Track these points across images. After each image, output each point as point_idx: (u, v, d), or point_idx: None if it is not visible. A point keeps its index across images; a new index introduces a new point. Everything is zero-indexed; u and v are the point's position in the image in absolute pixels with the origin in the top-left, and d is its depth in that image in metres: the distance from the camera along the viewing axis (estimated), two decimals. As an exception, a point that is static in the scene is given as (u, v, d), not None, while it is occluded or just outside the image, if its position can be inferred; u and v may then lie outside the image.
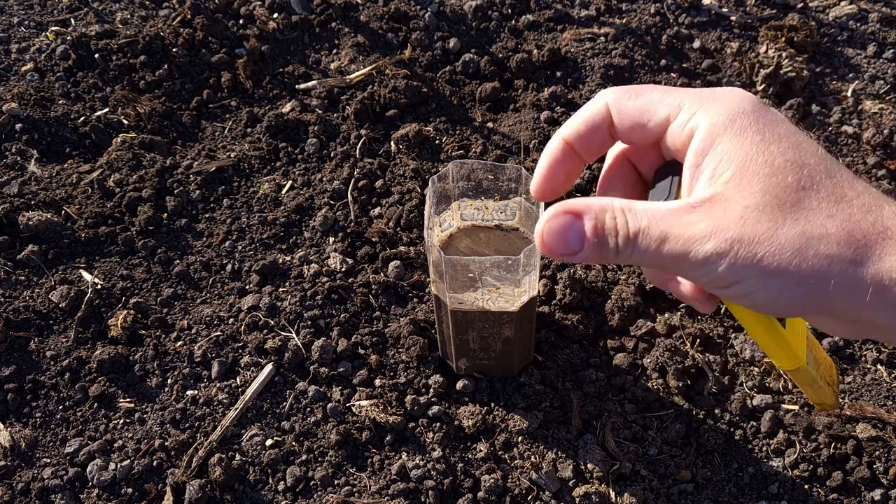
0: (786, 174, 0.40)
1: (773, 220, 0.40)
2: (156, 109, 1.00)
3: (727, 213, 0.40)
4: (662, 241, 0.41)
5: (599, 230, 0.43)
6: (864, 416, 0.71)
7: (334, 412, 0.72)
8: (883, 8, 1.17)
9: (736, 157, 0.41)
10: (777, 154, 0.41)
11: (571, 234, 0.43)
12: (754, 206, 0.40)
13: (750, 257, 0.39)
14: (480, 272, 0.61)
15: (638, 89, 0.46)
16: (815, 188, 0.40)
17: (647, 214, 0.42)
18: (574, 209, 0.44)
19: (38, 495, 0.68)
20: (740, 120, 0.42)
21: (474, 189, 0.67)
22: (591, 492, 0.66)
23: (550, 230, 0.44)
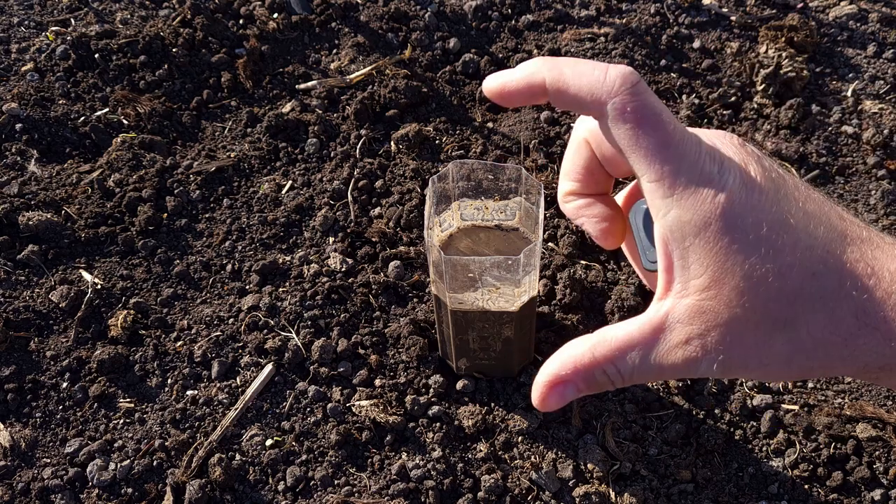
0: (765, 287, 0.38)
1: (756, 336, 0.39)
2: (156, 109, 1.00)
3: (711, 330, 0.39)
4: (659, 370, 0.42)
5: (594, 387, 0.45)
6: (864, 416, 0.71)
7: (334, 412, 0.72)
8: (883, 8, 1.17)
9: (710, 264, 0.39)
10: (755, 264, 0.38)
11: (567, 395, 0.46)
12: (736, 319, 0.39)
13: (741, 369, 0.41)
14: (480, 272, 0.61)
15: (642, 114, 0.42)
16: (797, 296, 0.39)
17: (637, 350, 0.42)
18: (560, 378, 0.45)
19: (38, 495, 0.68)
20: (715, 224, 0.39)
21: (474, 189, 0.67)
22: (591, 492, 0.66)
23: (546, 401, 0.46)
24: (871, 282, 0.39)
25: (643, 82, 0.42)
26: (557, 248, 0.86)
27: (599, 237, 0.51)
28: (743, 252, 0.38)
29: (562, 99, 0.44)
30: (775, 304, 0.38)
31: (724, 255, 0.38)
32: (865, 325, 0.39)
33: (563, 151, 0.94)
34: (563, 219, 0.88)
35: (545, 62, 0.45)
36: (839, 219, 0.42)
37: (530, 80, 0.44)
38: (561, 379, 0.45)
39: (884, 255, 0.40)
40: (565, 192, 0.52)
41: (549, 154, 0.95)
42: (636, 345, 0.42)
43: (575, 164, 0.49)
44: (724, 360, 0.40)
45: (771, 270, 0.38)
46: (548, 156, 0.94)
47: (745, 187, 0.39)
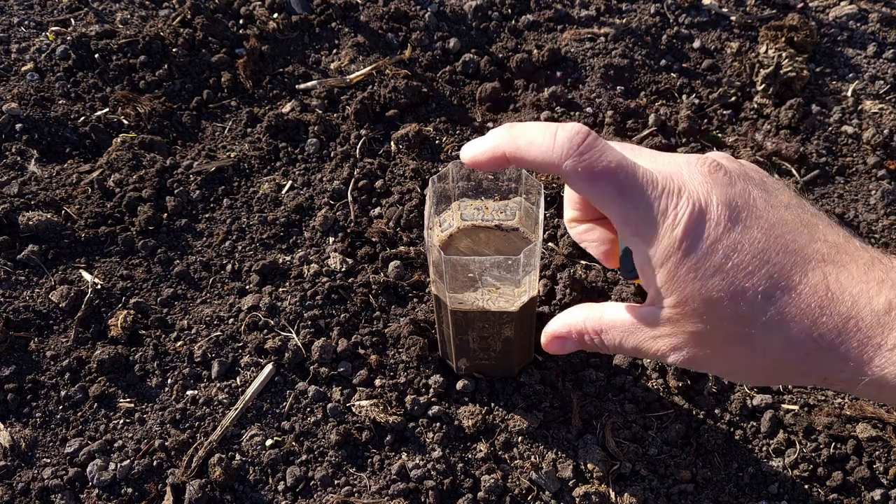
0: (723, 308, 0.42)
1: (719, 348, 0.44)
2: (156, 109, 1.00)
3: (681, 333, 0.45)
4: (635, 351, 0.49)
5: (584, 345, 0.54)
6: (864, 416, 0.71)
7: (334, 412, 0.72)
8: (883, 8, 1.17)
9: (673, 291, 0.44)
10: (713, 289, 0.42)
11: (568, 345, 0.55)
12: (701, 331, 0.44)
13: (707, 369, 0.47)
14: (480, 272, 0.61)
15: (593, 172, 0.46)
16: (751, 318, 0.42)
17: (618, 331, 0.50)
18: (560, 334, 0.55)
19: (38, 495, 0.68)
20: (674, 256, 0.43)
21: (474, 189, 0.67)
22: (591, 492, 0.66)
23: (549, 349, 0.57)
24: (830, 306, 0.41)
25: (592, 136, 0.45)
26: (557, 248, 0.86)
27: (601, 259, 0.58)
28: (699, 280, 0.43)
29: (523, 167, 0.50)
30: (731, 324, 0.43)
31: (683, 283, 0.43)
32: (821, 347, 0.41)
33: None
34: (562, 219, 0.88)
35: (505, 134, 0.49)
36: (810, 239, 0.44)
37: (493, 153, 0.49)
38: (560, 335, 0.55)
39: (849, 277, 0.42)
40: (569, 219, 0.58)
41: (549, 154, 0.94)
42: (620, 328, 0.49)
43: (572, 195, 0.56)
44: (689, 359, 0.46)
45: (726, 295, 0.42)
46: (548, 156, 0.94)
47: (701, 219, 0.43)
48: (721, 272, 0.42)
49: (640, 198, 0.43)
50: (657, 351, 0.47)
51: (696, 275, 0.42)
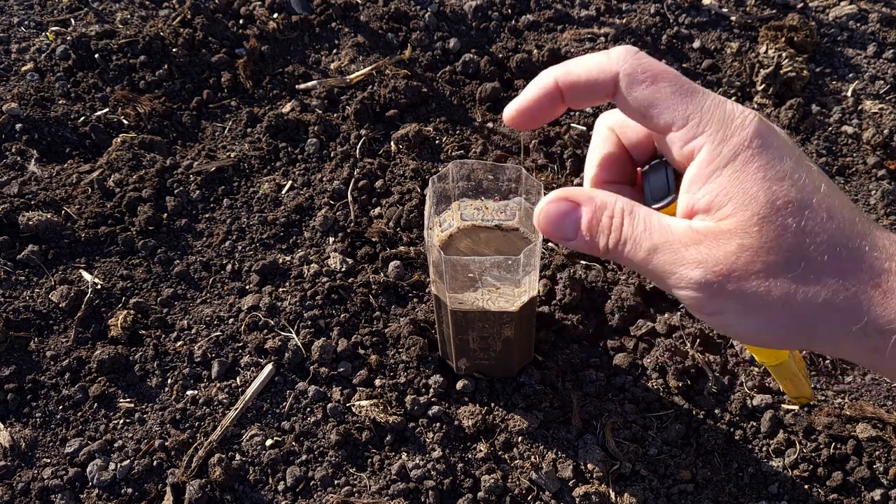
0: (785, 216, 0.39)
1: (766, 263, 0.39)
2: (156, 109, 1.00)
3: (721, 246, 0.40)
4: (651, 253, 0.41)
5: (593, 225, 0.43)
6: (864, 416, 0.71)
7: (334, 412, 0.72)
8: (883, 8, 1.17)
9: (736, 193, 0.40)
10: (779, 194, 0.39)
11: (567, 222, 0.44)
12: (749, 245, 0.39)
13: (735, 293, 0.39)
14: (480, 272, 0.61)
15: (654, 73, 0.42)
16: (814, 233, 0.39)
17: (643, 222, 0.42)
18: (575, 198, 0.44)
19: (38, 495, 0.68)
20: (743, 154, 0.40)
21: (474, 189, 0.67)
22: (591, 492, 0.66)
23: (548, 214, 0.45)
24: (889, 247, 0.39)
25: (644, 52, 0.43)
26: (557, 248, 0.86)
27: None
28: (768, 181, 0.39)
29: (576, 91, 0.44)
30: (791, 236, 0.39)
31: (751, 182, 0.39)
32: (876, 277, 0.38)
33: (563, 151, 0.94)
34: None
35: (549, 69, 0.45)
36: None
37: (543, 89, 0.45)
38: (573, 196, 0.45)
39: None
40: (591, 178, 0.50)
41: (549, 154, 0.95)
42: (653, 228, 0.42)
43: (600, 154, 0.49)
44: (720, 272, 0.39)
45: (793, 203, 0.39)
46: (548, 156, 0.94)
47: (769, 126, 0.41)
48: (790, 179, 0.39)
49: (703, 98, 0.41)
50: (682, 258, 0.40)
51: (766, 174, 0.39)
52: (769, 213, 0.39)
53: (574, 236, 0.44)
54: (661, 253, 0.41)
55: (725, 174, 0.40)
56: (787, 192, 0.39)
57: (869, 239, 0.40)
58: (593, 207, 0.44)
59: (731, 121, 0.41)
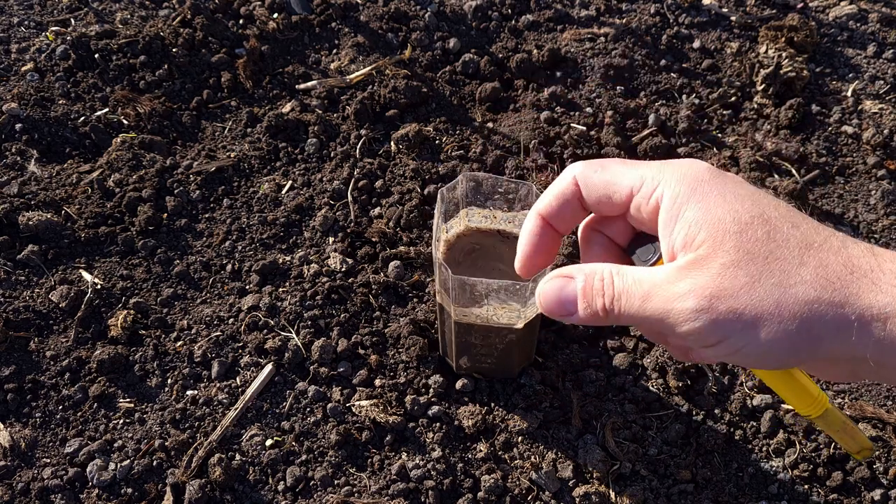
0: (755, 229, 0.42)
1: (749, 274, 0.41)
2: (156, 109, 1.00)
3: (704, 272, 0.42)
4: (645, 300, 0.44)
5: (588, 291, 0.47)
6: (864, 416, 0.71)
7: (334, 412, 0.72)
8: (883, 8, 1.17)
9: (704, 220, 0.43)
10: (742, 211, 0.42)
11: (564, 296, 0.48)
12: (730, 262, 0.41)
13: (730, 312, 0.41)
14: (487, 293, 0.61)
15: (603, 163, 0.48)
16: (784, 239, 0.42)
17: (631, 276, 0.45)
18: (567, 272, 0.48)
19: (38, 495, 0.68)
20: (701, 187, 0.43)
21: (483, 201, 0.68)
22: (591, 492, 0.66)
23: (546, 293, 0.48)
24: (857, 247, 0.42)
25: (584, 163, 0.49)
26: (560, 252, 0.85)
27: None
28: (728, 202, 0.43)
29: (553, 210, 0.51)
30: (763, 245, 0.41)
31: (714, 207, 0.43)
32: (854, 272, 0.41)
33: (563, 152, 0.94)
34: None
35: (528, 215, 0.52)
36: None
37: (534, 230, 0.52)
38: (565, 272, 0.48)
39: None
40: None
41: (548, 154, 0.95)
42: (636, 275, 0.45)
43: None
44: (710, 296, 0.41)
45: (757, 217, 0.42)
46: (548, 156, 0.94)
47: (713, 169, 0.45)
48: (750, 200, 0.43)
49: (651, 163, 0.46)
50: (673, 294, 0.42)
51: (726, 198, 0.43)
52: (739, 228, 0.42)
53: (575, 310, 0.47)
54: (654, 297, 0.43)
55: (691, 208, 0.43)
56: (749, 209, 0.42)
57: (839, 239, 0.42)
58: (584, 275, 0.47)
59: (681, 166, 0.45)
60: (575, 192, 0.49)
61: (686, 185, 0.44)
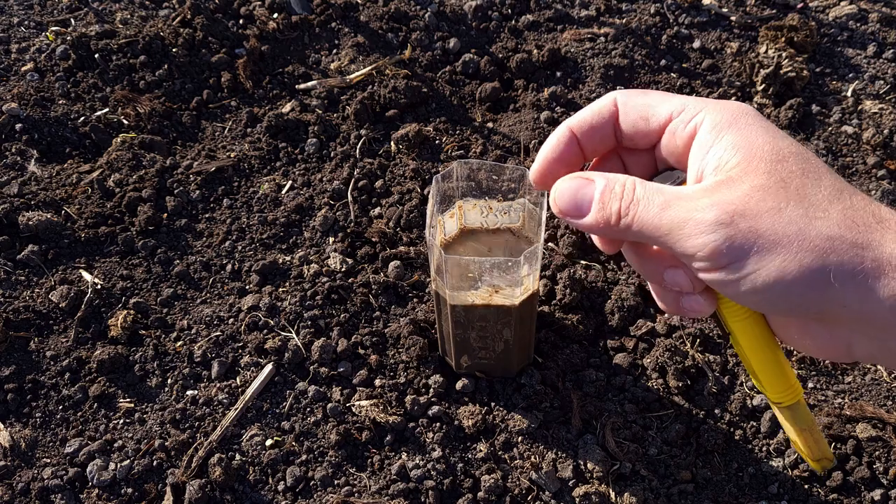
0: (791, 162, 0.41)
1: (777, 201, 0.40)
2: (156, 109, 1.00)
3: (732, 190, 0.41)
4: (664, 208, 0.42)
5: (606, 194, 0.45)
6: (864, 416, 0.71)
7: (334, 412, 0.72)
8: (883, 8, 1.17)
9: (742, 145, 0.42)
10: (783, 146, 0.42)
11: (580, 196, 0.46)
12: (760, 186, 0.41)
13: (751, 231, 0.40)
14: (480, 273, 0.61)
15: (645, 91, 0.48)
16: (818, 178, 0.41)
17: (653, 186, 0.44)
18: (587, 175, 0.46)
19: (38, 495, 0.68)
20: (744, 118, 0.43)
21: (477, 189, 0.67)
22: (591, 492, 0.66)
23: (563, 191, 0.47)
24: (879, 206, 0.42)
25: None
26: (557, 249, 0.86)
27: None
28: (770, 136, 0.42)
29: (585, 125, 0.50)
30: (797, 178, 0.41)
31: (754, 137, 0.42)
32: (881, 222, 0.40)
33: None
34: (563, 219, 0.88)
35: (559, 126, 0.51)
36: None
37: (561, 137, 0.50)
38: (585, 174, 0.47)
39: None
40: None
41: (549, 154, 0.94)
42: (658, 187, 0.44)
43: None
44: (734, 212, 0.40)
45: (795, 154, 0.42)
46: (548, 156, 0.94)
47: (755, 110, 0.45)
48: (788, 140, 0.43)
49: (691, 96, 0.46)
50: (695, 206, 0.41)
51: (767, 133, 0.42)
52: (776, 159, 0.41)
53: (588, 210, 0.46)
54: (673, 207, 0.42)
55: (731, 133, 0.43)
56: (789, 146, 0.42)
57: (868, 197, 0.42)
58: (605, 179, 0.45)
59: (725, 102, 0.45)
60: (612, 112, 0.48)
61: (728, 115, 0.43)
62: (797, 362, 0.77)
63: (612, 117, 0.48)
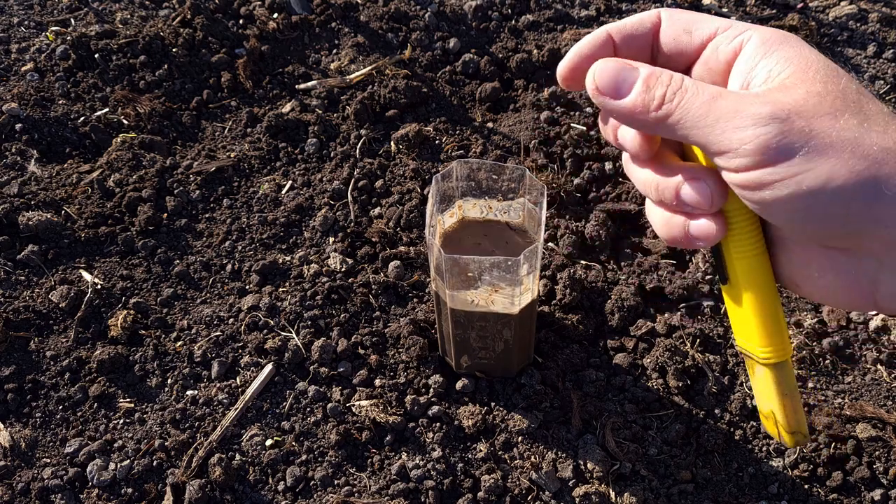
0: (847, 80, 0.40)
1: (835, 108, 0.39)
2: (156, 109, 1.00)
3: (788, 94, 0.39)
4: (715, 98, 0.40)
5: (652, 79, 0.42)
6: (864, 416, 0.71)
7: (334, 412, 0.72)
8: (883, 8, 1.17)
9: (795, 58, 0.41)
10: (834, 67, 0.41)
11: (623, 76, 0.43)
12: (817, 92, 0.39)
13: (804, 131, 0.38)
14: (480, 272, 0.61)
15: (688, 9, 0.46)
16: (874, 99, 0.41)
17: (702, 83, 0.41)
18: (631, 63, 0.44)
19: (38, 495, 0.68)
20: (794, 39, 0.42)
21: (477, 189, 0.67)
22: (591, 492, 0.66)
23: (604, 68, 0.44)
24: None
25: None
26: (557, 248, 0.86)
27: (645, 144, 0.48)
28: (822, 57, 0.41)
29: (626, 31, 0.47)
30: (854, 94, 0.40)
31: (808, 53, 0.41)
32: None
33: (563, 151, 0.94)
34: (563, 219, 0.88)
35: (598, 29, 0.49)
36: None
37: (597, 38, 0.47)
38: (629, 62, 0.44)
39: None
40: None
41: (549, 154, 0.95)
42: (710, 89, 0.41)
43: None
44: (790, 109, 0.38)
45: (843, 74, 0.41)
46: (548, 156, 0.94)
47: None
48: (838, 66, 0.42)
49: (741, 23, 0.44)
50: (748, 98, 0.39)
51: (818, 54, 0.41)
52: (832, 74, 0.40)
53: (629, 91, 0.43)
54: (726, 98, 0.40)
55: (782, 49, 0.41)
56: (839, 70, 0.41)
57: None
58: (651, 69, 0.43)
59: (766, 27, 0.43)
60: (655, 23, 0.46)
61: (779, 35, 0.42)
62: (797, 362, 0.77)
63: (653, 28, 0.46)
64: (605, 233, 0.86)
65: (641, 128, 0.44)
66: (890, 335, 0.78)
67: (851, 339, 0.78)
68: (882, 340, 0.78)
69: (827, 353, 0.77)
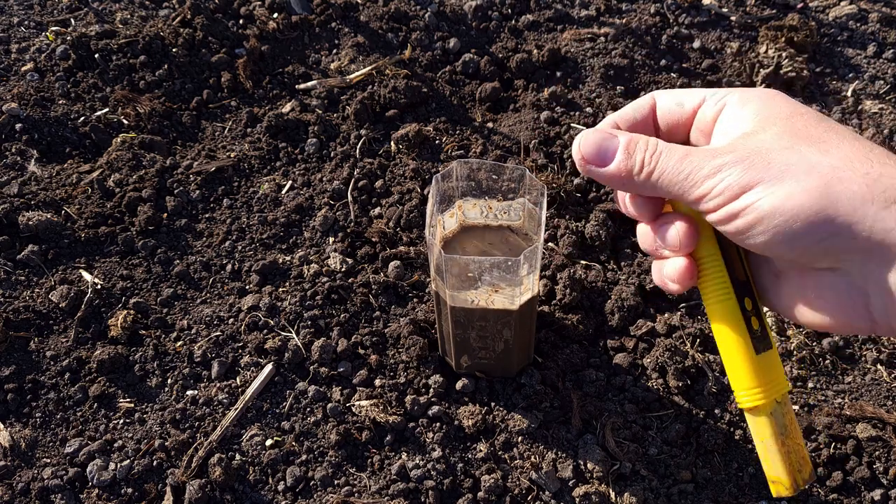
0: (808, 116, 0.45)
1: (792, 142, 0.43)
2: (156, 109, 1.00)
3: (750, 139, 0.44)
4: (686, 155, 0.45)
5: (631, 146, 0.47)
6: (864, 416, 0.71)
7: (334, 412, 0.72)
8: (883, 8, 1.17)
9: (763, 110, 0.46)
10: (801, 108, 0.46)
11: (605, 145, 0.48)
12: (778, 132, 0.44)
13: (764, 163, 0.42)
14: (480, 272, 0.61)
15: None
16: (833, 127, 0.44)
17: (675, 144, 0.47)
18: (612, 131, 0.49)
19: (38, 495, 0.68)
20: (769, 94, 0.47)
21: (477, 189, 0.67)
22: (591, 492, 0.66)
23: (588, 140, 0.49)
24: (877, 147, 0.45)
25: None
26: (557, 248, 0.85)
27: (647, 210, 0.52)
28: (790, 105, 0.46)
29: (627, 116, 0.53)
30: (814, 127, 0.44)
31: (777, 103, 0.46)
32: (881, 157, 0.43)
33: (563, 151, 0.94)
34: (563, 219, 0.88)
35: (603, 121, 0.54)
36: None
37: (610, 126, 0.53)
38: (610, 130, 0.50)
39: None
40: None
41: (549, 154, 0.95)
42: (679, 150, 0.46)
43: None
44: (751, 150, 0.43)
45: (805, 113, 0.45)
46: (548, 156, 0.94)
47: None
48: (809, 111, 0.46)
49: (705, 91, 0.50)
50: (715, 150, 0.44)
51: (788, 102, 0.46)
52: (793, 115, 0.45)
53: (612, 159, 0.48)
54: (695, 154, 0.45)
55: (754, 103, 0.46)
56: (807, 111, 0.45)
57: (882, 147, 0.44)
58: (629, 136, 0.48)
59: (756, 89, 0.49)
60: (651, 105, 0.51)
61: (755, 94, 0.47)
62: (797, 362, 0.77)
63: (651, 109, 0.51)
64: (605, 233, 0.86)
65: (625, 189, 0.50)
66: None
67: (851, 339, 0.78)
68: (882, 340, 0.78)
69: (827, 353, 0.77)
